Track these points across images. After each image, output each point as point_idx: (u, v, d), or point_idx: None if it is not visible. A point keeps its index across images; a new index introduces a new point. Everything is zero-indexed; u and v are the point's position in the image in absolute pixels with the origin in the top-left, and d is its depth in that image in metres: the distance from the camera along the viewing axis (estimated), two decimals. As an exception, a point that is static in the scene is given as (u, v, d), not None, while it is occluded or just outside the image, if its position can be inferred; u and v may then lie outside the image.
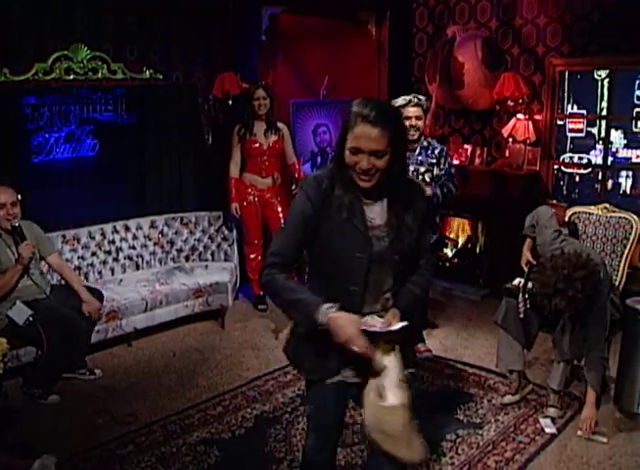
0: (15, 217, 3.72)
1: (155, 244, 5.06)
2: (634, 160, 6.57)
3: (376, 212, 2.01)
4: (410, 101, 3.95)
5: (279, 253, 2.03)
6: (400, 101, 3.96)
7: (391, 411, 1.94)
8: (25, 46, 4.26)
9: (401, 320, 1.99)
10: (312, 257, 2.08)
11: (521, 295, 3.56)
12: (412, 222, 2.03)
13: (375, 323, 1.98)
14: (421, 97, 4.04)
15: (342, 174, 1.96)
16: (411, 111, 3.95)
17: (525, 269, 3.75)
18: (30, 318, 3.62)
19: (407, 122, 3.89)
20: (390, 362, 1.98)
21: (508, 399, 3.68)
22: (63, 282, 4.27)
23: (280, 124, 5.01)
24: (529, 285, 3.55)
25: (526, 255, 3.82)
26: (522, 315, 3.56)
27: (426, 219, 2.12)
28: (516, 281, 3.88)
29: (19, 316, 3.63)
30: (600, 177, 5.84)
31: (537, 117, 5.51)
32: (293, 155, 5.11)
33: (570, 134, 6.73)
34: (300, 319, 2.06)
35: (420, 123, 3.99)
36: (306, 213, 1.98)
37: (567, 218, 4.14)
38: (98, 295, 4.11)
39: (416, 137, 4.02)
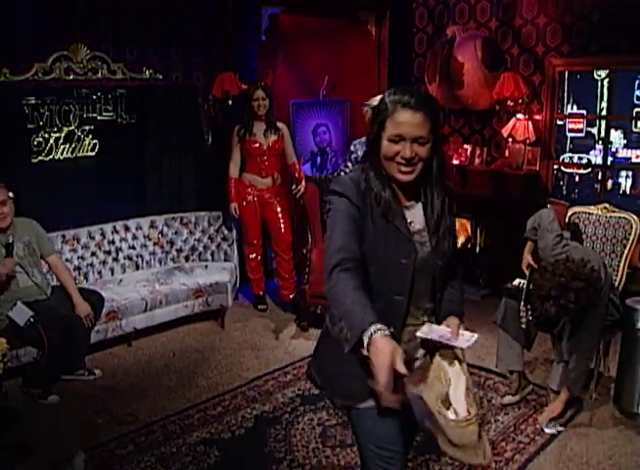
0: (5, 216, 3.70)
1: (154, 244, 5.06)
2: (634, 160, 6.57)
3: (414, 216, 1.87)
4: None
5: (342, 248, 1.73)
6: (374, 102, 3.98)
7: (464, 425, 1.80)
8: (25, 46, 4.26)
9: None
10: None
11: (522, 304, 3.53)
12: (450, 225, 1.90)
13: (440, 332, 1.83)
14: None
15: (381, 172, 1.82)
16: None
17: (527, 273, 3.74)
18: (31, 319, 3.62)
19: None
20: (456, 373, 1.83)
21: (508, 399, 3.68)
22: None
23: (280, 124, 5.01)
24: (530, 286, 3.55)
25: (527, 258, 3.81)
26: (523, 326, 3.54)
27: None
28: (516, 281, 3.87)
29: (19, 317, 3.63)
30: (600, 177, 5.84)
31: (537, 117, 5.51)
32: (293, 154, 5.10)
33: (569, 134, 6.73)
34: (349, 336, 1.67)
35: None
36: (354, 216, 1.78)
37: (567, 219, 4.14)
38: (98, 297, 4.11)
39: None
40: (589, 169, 6.36)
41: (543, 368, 4.10)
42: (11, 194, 3.74)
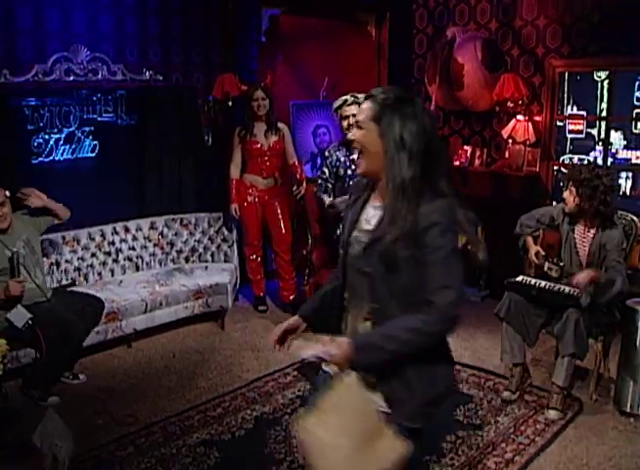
0: (5, 217, 3.69)
1: (154, 245, 5.06)
2: (634, 161, 6.58)
3: (376, 216, 1.82)
4: (346, 100, 3.99)
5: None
6: (338, 102, 4.02)
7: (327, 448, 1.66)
8: (25, 47, 4.26)
9: (356, 354, 1.68)
10: None
11: (547, 261, 3.77)
12: (403, 237, 1.69)
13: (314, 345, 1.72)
14: (359, 95, 3.91)
15: None
16: (348, 110, 3.95)
17: (536, 260, 3.78)
18: (29, 322, 3.60)
19: (345, 122, 3.97)
20: (344, 390, 1.75)
21: (507, 395, 3.68)
22: (63, 282, 4.27)
23: (280, 124, 5.01)
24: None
25: (535, 247, 3.83)
26: (555, 274, 3.71)
27: (450, 245, 1.74)
28: (519, 278, 3.87)
29: (18, 320, 3.60)
30: (600, 178, 5.83)
31: (537, 118, 5.51)
32: (293, 154, 5.11)
33: (569, 135, 6.74)
34: None
35: None
36: (345, 216, 2.01)
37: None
38: (98, 302, 4.09)
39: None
40: (589, 170, 6.35)
41: (543, 369, 4.10)
42: (7, 193, 3.72)
